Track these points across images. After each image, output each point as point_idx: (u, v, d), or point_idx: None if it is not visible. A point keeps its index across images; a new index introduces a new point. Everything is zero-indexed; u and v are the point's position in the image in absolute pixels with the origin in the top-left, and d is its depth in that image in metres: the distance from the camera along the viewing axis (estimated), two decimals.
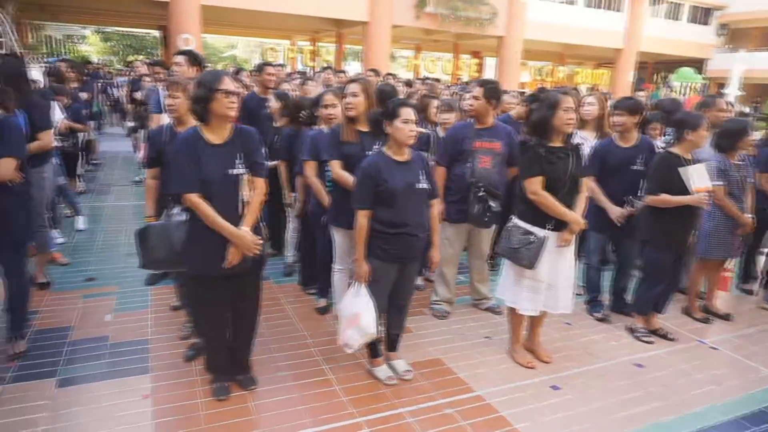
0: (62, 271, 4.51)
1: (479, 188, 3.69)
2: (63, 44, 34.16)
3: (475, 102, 3.78)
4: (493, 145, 3.79)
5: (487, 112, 3.80)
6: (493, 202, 3.70)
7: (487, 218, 3.73)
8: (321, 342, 3.59)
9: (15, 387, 2.92)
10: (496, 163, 3.78)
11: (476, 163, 3.74)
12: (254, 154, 2.71)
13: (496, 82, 3.96)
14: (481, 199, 3.69)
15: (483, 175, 3.73)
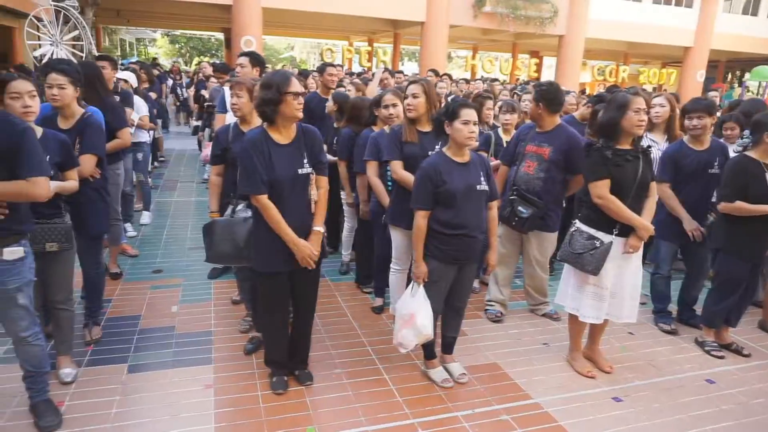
0: (132, 263, 4.75)
1: (512, 191, 3.67)
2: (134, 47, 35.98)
3: (529, 106, 3.73)
4: (542, 150, 3.69)
5: (540, 116, 3.72)
6: (523, 208, 3.63)
7: (515, 222, 3.67)
8: (376, 341, 3.61)
9: (91, 370, 3.09)
10: (541, 170, 3.69)
11: (520, 167, 3.71)
12: (318, 154, 2.77)
13: (551, 84, 3.82)
14: (511, 202, 3.66)
15: (522, 180, 3.70)
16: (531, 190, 3.67)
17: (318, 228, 2.80)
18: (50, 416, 2.61)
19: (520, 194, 3.66)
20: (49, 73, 3.02)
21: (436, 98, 3.33)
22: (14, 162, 2.24)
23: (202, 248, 4.95)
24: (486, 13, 19.91)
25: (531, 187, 3.68)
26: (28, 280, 2.46)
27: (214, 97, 6.03)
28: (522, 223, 3.68)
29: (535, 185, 3.69)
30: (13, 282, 2.38)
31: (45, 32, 12.41)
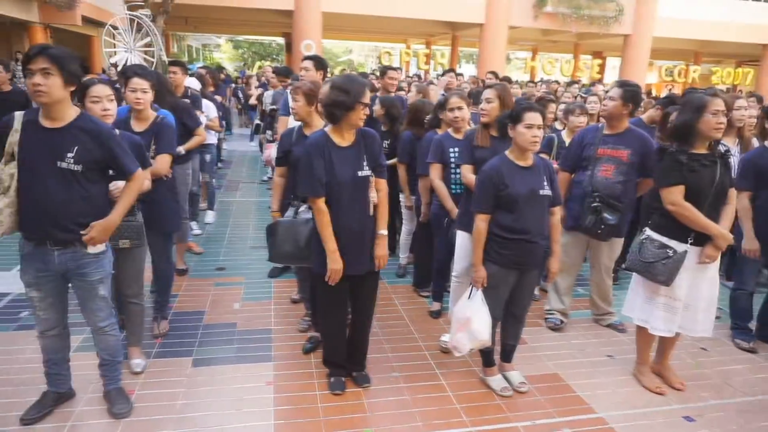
0: (197, 260, 4.93)
1: (594, 198, 3.48)
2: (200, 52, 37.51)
3: (611, 104, 3.54)
4: (619, 153, 3.54)
5: (621, 116, 3.56)
6: (610, 215, 3.45)
7: (601, 230, 3.50)
8: (433, 346, 3.57)
9: (158, 362, 3.23)
10: (620, 173, 3.52)
11: (596, 171, 3.53)
12: (377, 157, 2.79)
13: (636, 84, 3.67)
14: (594, 210, 3.47)
15: (601, 185, 3.52)
16: (612, 196, 3.50)
17: (382, 232, 2.81)
18: (122, 403, 2.74)
19: (603, 200, 3.48)
20: (132, 77, 3.17)
21: (512, 103, 3.26)
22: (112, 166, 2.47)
23: (263, 247, 5.09)
24: (547, 14, 19.45)
25: (612, 192, 3.51)
26: (108, 273, 2.62)
27: (277, 100, 6.17)
28: (611, 231, 3.53)
29: (616, 190, 3.52)
30: (96, 274, 2.53)
31: (120, 40, 13.13)
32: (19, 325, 3.55)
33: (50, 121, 2.36)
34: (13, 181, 2.34)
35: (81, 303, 2.61)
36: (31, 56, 2.24)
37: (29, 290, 2.52)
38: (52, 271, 2.48)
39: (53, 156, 2.33)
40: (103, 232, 2.46)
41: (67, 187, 2.36)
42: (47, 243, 2.42)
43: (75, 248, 2.45)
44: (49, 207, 2.36)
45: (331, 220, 2.71)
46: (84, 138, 2.38)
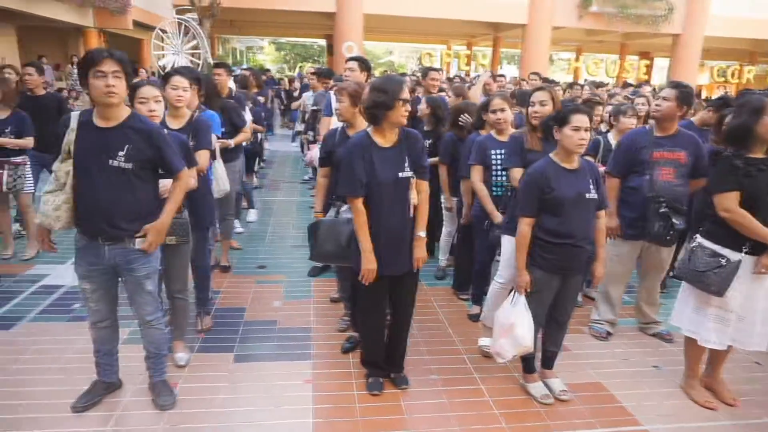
0: (239, 257, 5.03)
1: (660, 203, 3.33)
2: (244, 54, 38.33)
3: (665, 105, 3.41)
4: (677, 156, 3.41)
5: (674, 117, 3.44)
6: (677, 219, 3.32)
7: (670, 236, 3.36)
8: (472, 350, 3.53)
9: (201, 356, 3.31)
10: (680, 176, 3.40)
11: (656, 175, 3.39)
12: (420, 158, 2.78)
13: (689, 85, 3.55)
14: (663, 216, 3.32)
15: (664, 189, 3.36)
16: (676, 199, 3.37)
17: (421, 233, 2.80)
18: (167, 395, 2.82)
19: (670, 205, 3.34)
20: (173, 75, 3.27)
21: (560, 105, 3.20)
22: (160, 165, 2.56)
23: (304, 246, 5.13)
24: (592, 14, 19.00)
25: (676, 196, 3.37)
26: (155, 268, 2.70)
27: (319, 102, 6.25)
28: (678, 237, 3.41)
29: (678, 193, 3.39)
30: (143, 269, 2.62)
31: (168, 43, 13.56)
32: (72, 317, 3.70)
33: (104, 120, 2.45)
34: (69, 178, 2.45)
35: (129, 297, 2.70)
36: (100, 59, 2.33)
37: (82, 282, 2.63)
38: (103, 265, 2.58)
39: (105, 154, 2.42)
40: (158, 235, 2.58)
41: (117, 185, 2.46)
42: (99, 238, 2.52)
43: (124, 244, 2.55)
44: (101, 203, 2.45)
45: (370, 221, 2.72)
46: (135, 137, 2.47)
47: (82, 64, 2.40)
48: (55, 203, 2.47)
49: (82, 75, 2.41)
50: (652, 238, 3.42)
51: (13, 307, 3.83)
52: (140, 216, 2.54)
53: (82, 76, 2.41)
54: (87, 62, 2.37)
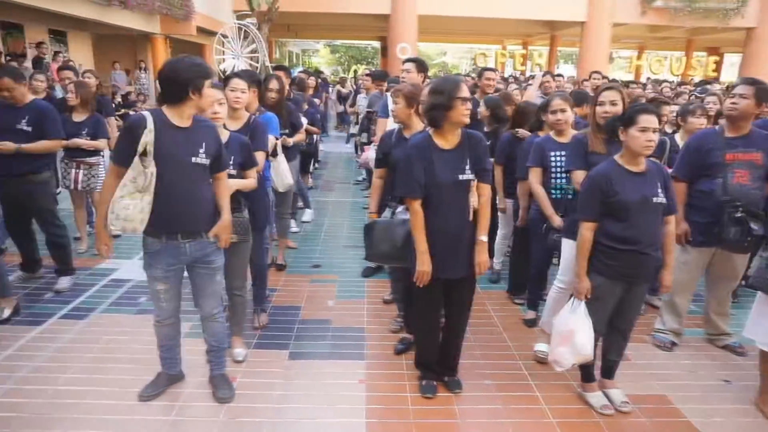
0: (294, 257, 5.13)
1: (736, 208, 3.14)
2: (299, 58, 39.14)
3: (742, 102, 3.20)
4: (752, 157, 3.21)
5: (750, 116, 3.23)
6: (755, 224, 3.11)
7: (747, 243, 3.17)
8: (527, 355, 3.46)
9: (258, 353, 3.39)
10: (756, 178, 3.19)
11: (730, 178, 3.20)
12: (481, 160, 2.74)
13: (764, 82, 3.33)
14: (739, 221, 3.12)
15: (739, 193, 3.16)
16: (753, 203, 3.18)
17: (482, 238, 2.76)
18: (226, 389, 2.91)
19: (746, 210, 3.15)
20: (232, 78, 3.38)
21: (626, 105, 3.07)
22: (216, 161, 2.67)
23: (357, 247, 5.19)
24: (656, 9, 18.24)
25: (752, 200, 3.18)
26: (224, 260, 2.85)
27: (373, 103, 6.28)
28: (756, 243, 3.21)
29: (755, 196, 3.19)
30: (218, 261, 2.78)
31: (228, 47, 14.01)
32: (139, 310, 3.89)
33: (181, 120, 2.55)
34: (153, 178, 2.46)
35: (200, 291, 2.81)
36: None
37: (156, 284, 2.70)
38: (180, 264, 2.70)
39: (189, 152, 2.54)
40: (227, 232, 2.76)
41: (198, 181, 2.59)
42: (178, 236, 2.61)
43: (201, 238, 2.67)
44: (187, 200, 2.56)
45: (427, 222, 2.70)
46: (207, 134, 2.62)
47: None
48: (140, 206, 2.46)
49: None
50: (728, 244, 3.23)
51: (87, 298, 4.06)
52: (213, 210, 2.69)
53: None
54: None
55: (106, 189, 2.56)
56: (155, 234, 2.59)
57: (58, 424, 2.66)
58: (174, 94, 2.50)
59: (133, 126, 2.46)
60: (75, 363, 3.18)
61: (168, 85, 2.50)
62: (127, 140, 2.45)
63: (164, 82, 2.51)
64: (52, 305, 3.92)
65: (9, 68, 4.12)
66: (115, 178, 2.49)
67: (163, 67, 2.56)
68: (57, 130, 4.05)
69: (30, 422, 2.66)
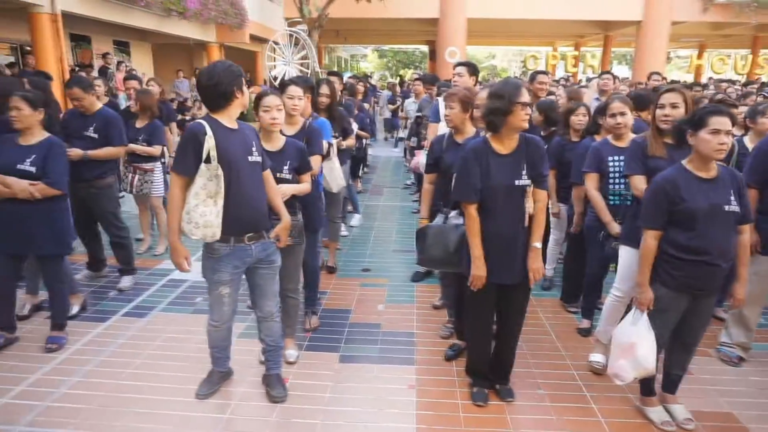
0: (344, 260, 5.17)
1: None
2: (348, 63, 39.60)
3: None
4: None
5: None
6: None
7: None
8: (582, 365, 3.35)
9: (309, 354, 3.44)
10: None
11: None
12: (539, 166, 2.68)
13: None
14: None
15: None
16: None
17: (536, 244, 2.71)
18: (279, 389, 2.97)
19: None
20: (289, 85, 3.44)
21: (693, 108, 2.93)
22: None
23: (406, 251, 5.19)
24: (719, 5, 17.42)
25: None
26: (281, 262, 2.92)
27: (423, 108, 6.28)
28: None
29: None
30: (278, 260, 2.86)
31: (279, 54, 14.34)
32: (195, 309, 4.02)
33: (231, 122, 2.63)
34: (222, 182, 2.50)
35: (261, 291, 2.87)
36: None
37: (222, 288, 2.74)
38: (245, 266, 2.76)
39: (245, 151, 2.62)
40: (286, 232, 2.85)
41: (257, 180, 2.68)
42: (245, 238, 2.67)
43: (264, 238, 2.75)
44: (252, 200, 2.64)
45: (482, 227, 2.67)
46: (252, 134, 2.72)
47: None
48: (216, 210, 2.50)
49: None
50: None
51: (147, 297, 4.24)
52: (268, 210, 2.77)
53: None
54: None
55: (172, 202, 2.55)
56: (224, 238, 2.60)
57: (123, 416, 2.78)
58: (221, 99, 2.56)
59: (193, 135, 2.50)
60: (136, 359, 3.32)
61: (213, 92, 2.54)
62: (189, 149, 2.50)
63: (209, 90, 2.54)
64: (116, 303, 4.11)
65: (78, 78, 4.35)
66: (181, 189, 2.53)
67: (200, 78, 2.57)
68: (120, 137, 4.25)
69: (97, 414, 2.79)
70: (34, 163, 3.21)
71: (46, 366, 3.21)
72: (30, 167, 3.20)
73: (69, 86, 4.12)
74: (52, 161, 3.25)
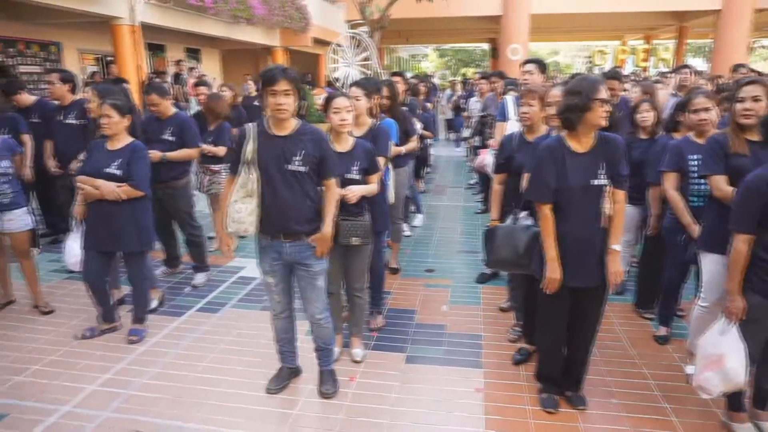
0: (407, 260, 5.17)
1: None
2: (408, 63, 39.66)
3: None
4: None
5: None
6: None
7: None
8: (660, 375, 3.18)
9: (375, 354, 3.46)
10: None
11: None
12: (618, 165, 2.57)
13: None
14: None
15: None
16: None
17: (615, 247, 2.60)
18: (330, 384, 3.03)
19: None
20: (351, 87, 3.48)
21: None
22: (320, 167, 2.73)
23: (471, 252, 5.12)
24: None
25: None
26: (326, 266, 2.91)
27: (489, 106, 6.18)
28: None
29: None
30: (317, 265, 2.84)
31: (341, 56, 14.54)
32: (263, 306, 4.13)
33: (279, 130, 2.69)
34: (257, 184, 2.66)
35: (303, 293, 2.92)
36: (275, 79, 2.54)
37: (266, 277, 2.90)
38: (283, 260, 2.82)
39: (284, 160, 2.65)
40: (324, 244, 2.79)
41: (294, 187, 2.67)
42: (280, 237, 2.76)
43: (301, 241, 2.77)
44: (282, 205, 2.68)
45: (557, 228, 2.59)
46: (308, 143, 2.68)
47: (261, 81, 2.64)
48: (249, 209, 2.67)
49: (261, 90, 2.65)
50: None
51: (219, 294, 4.40)
52: (314, 216, 2.76)
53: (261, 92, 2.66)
54: (264, 81, 2.59)
55: (224, 196, 2.79)
56: (264, 232, 2.77)
57: (199, 408, 2.90)
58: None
59: (239, 138, 2.72)
60: (210, 353, 3.46)
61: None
62: (236, 150, 2.71)
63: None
64: (190, 298, 4.30)
65: (156, 85, 4.59)
66: (231, 185, 2.74)
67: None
68: (194, 139, 4.45)
69: (175, 404, 2.93)
70: (120, 166, 3.40)
71: (128, 356, 3.41)
72: (116, 170, 3.40)
73: (147, 92, 4.35)
74: (135, 164, 3.44)
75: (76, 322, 3.86)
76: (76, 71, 11.11)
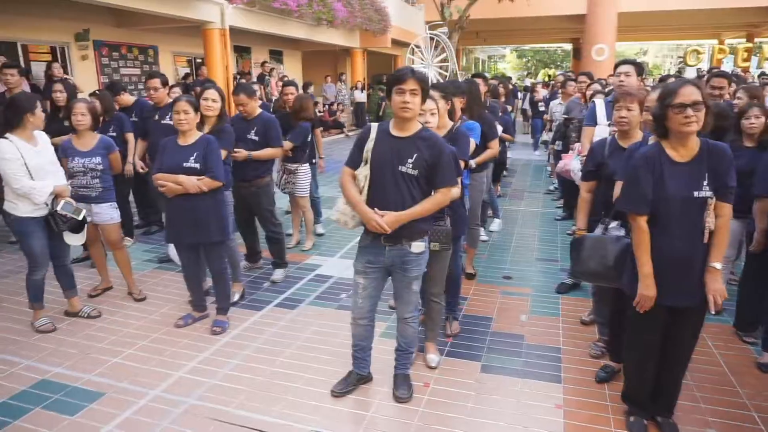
0: (484, 266, 5.06)
1: None
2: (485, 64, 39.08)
3: None
4: None
5: None
6: None
7: None
8: (765, 408, 2.90)
9: (449, 361, 3.39)
10: None
11: None
12: (724, 176, 2.35)
13: None
14: None
15: None
16: None
17: (715, 264, 2.38)
18: (405, 389, 3.00)
19: None
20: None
21: None
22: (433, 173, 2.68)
23: (549, 260, 4.94)
24: None
25: None
26: (422, 271, 2.88)
27: (572, 109, 5.93)
28: None
29: None
30: (415, 271, 2.82)
31: (418, 57, 14.54)
32: (339, 305, 4.18)
33: (399, 131, 2.70)
34: (366, 181, 2.70)
35: (397, 294, 2.92)
36: (404, 78, 2.57)
37: (357, 276, 2.90)
38: (379, 264, 2.82)
39: (397, 160, 2.66)
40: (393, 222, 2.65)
41: (402, 189, 2.67)
42: (381, 238, 2.75)
43: (402, 246, 2.75)
44: (387, 205, 2.67)
45: (653, 242, 2.41)
46: (423, 147, 2.66)
47: (389, 80, 2.68)
48: None
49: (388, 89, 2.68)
50: None
51: (296, 290, 4.51)
52: (416, 222, 2.71)
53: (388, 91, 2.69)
54: (393, 80, 2.63)
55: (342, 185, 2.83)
56: (366, 231, 2.80)
57: (277, 402, 2.97)
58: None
59: (361, 135, 2.82)
60: (288, 348, 3.54)
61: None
62: (356, 146, 2.80)
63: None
64: (269, 294, 4.43)
65: (244, 86, 4.75)
66: (347, 176, 2.79)
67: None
68: (278, 139, 4.57)
69: (254, 397, 3.02)
70: (197, 160, 3.56)
71: (211, 347, 3.55)
72: (195, 164, 3.56)
73: (236, 93, 4.51)
74: (210, 156, 3.59)
75: (165, 309, 4.09)
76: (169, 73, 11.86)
